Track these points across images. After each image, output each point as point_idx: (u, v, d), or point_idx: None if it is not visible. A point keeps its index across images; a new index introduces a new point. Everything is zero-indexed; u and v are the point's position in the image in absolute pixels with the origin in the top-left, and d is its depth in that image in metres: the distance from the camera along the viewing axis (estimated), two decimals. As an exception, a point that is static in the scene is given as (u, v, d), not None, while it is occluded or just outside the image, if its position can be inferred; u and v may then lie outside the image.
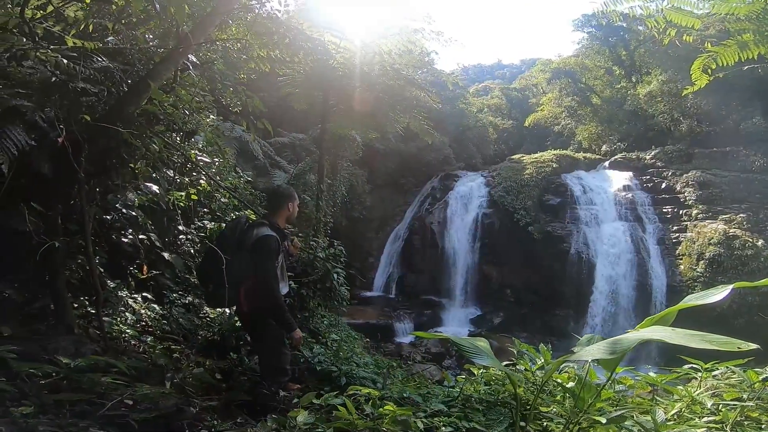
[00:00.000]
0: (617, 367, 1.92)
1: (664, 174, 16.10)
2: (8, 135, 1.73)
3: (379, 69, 7.72)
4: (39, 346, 2.11)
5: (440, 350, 12.26)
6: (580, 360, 2.87)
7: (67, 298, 2.59)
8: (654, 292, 13.44)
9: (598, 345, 1.26)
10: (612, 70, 22.50)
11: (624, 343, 1.14)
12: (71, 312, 2.62)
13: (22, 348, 1.96)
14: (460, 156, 22.95)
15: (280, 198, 3.32)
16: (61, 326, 2.47)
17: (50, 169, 2.17)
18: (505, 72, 45.55)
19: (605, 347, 1.19)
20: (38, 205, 2.28)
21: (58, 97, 2.04)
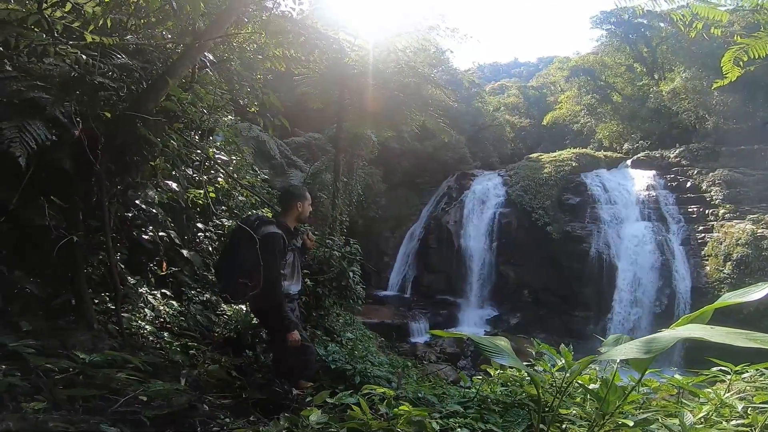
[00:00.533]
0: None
1: (689, 173, 15.63)
2: (27, 129, 1.77)
3: (394, 66, 7.69)
4: (58, 341, 2.14)
5: (455, 350, 12.17)
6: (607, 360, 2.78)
7: (87, 294, 2.63)
8: (678, 293, 13.05)
9: (631, 344, 1.20)
10: (633, 67, 21.97)
11: (660, 342, 1.07)
12: (91, 308, 2.67)
13: (41, 343, 1.99)
14: (477, 155, 22.72)
15: (290, 197, 3.30)
16: (81, 322, 2.51)
17: (71, 165, 2.21)
18: (522, 70, 44.97)
19: (639, 346, 1.12)
20: (59, 200, 2.31)
21: (77, 93, 2.07)
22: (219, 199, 5.30)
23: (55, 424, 1.46)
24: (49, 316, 2.54)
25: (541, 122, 25.45)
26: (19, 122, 1.78)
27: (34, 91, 1.88)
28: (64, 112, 2.00)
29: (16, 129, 1.75)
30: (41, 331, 2.25)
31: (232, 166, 5.43)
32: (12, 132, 1.73)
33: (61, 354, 1.96)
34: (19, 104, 1.85)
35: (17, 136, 1.73)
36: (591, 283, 14.32)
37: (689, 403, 2.46)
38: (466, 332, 13.29)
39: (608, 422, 1.62)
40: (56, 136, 2.02)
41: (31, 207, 2.15)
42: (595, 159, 18.66)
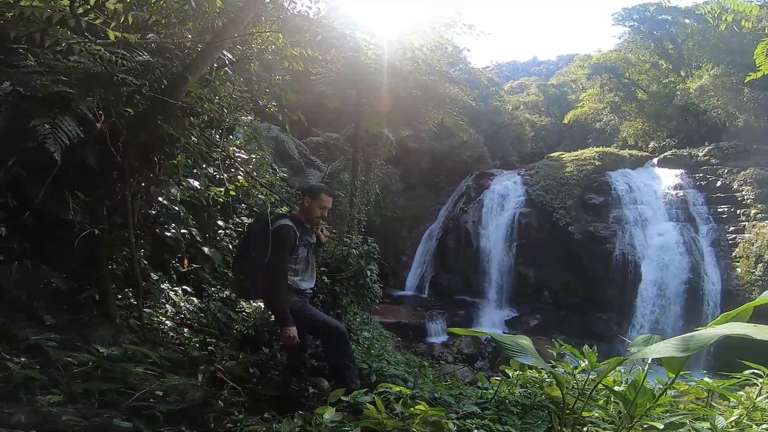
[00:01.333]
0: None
1: (719, 171, 15.06)
2: (59, 125, 1.81)
3: (411, 64, 7.65)
4: (79, 335, 2.19)
5: (472, 351, 12.03)
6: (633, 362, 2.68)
7: (110, 289, 2.69)
8: (707, 296, 12.59)
9: (666, 342, 1.14)
10: (658, 64, 21.35)
11: (699, 340, 1.01)
12: (114, 303, 2.73)
13: (63, 337, 2.04)
14: (496, 154, 22.43)
15: (303, 193, 3.28)
16: (104, 317, 2.57)
17: (95, 161, 2.26)
18: (541, 68, 44.16)
19: (676, 344, 1.06)
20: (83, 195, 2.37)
21: (100, 88, 2.12)
22: (239, 198, 5.37)
23: (68, 418, 1.47)
24: (73, 310, 2.60)
25: (562, 121, 24.96)
26: (50, 118, 1.82)
27: (57, 85, 1.93)
28: (88, 108, 2.05)
29: (48, 125, 1.79)
30: (64, 325, 2.31)
31: (252, 165, 5.50)
32: (45, 128, 1.77)
33: (81, 348, 2.00)
34: (45, 99, 1.90)
35: (50, 132, 1.77)
36: (614, 285, 13.95)
37: (719, 407, 2.36)
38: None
39: (636, 425, 1.56)
40: (81, 132, 2.06)
41: (57, 202, 2.21)
42: (620, 158, 18.17)
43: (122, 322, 2.72)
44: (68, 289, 2.55)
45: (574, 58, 32.18)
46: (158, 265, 3.80)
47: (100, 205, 2.50)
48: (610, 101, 22.23)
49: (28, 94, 1.87)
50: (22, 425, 1.34)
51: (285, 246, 2.91)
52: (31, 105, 1.86)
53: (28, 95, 1.87)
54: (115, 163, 2.47)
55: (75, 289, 2.63)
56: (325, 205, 3.16)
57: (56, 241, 2.56)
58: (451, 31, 7.46)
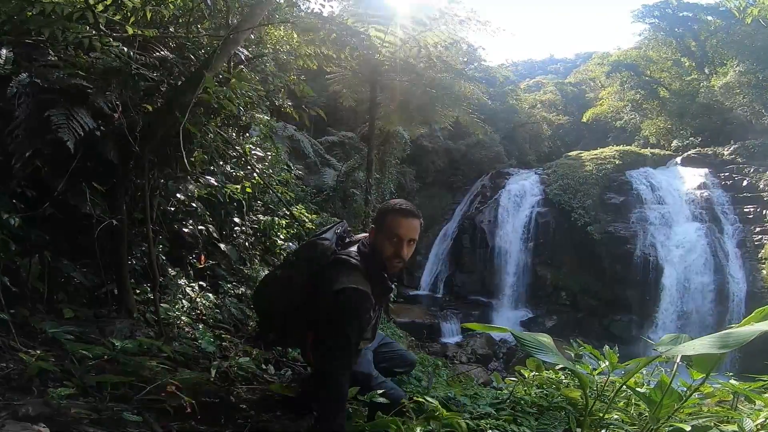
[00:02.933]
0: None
1: (746, 171, 14.58)
2: (74, 116, 1.85)
3: (426, 62, 7.61)
4: (97, 329, 2.22)
5: (487, 352, 11.90)
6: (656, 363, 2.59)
7: (129, 283, 2.73)
8: (732, 298, 12.20)
9: (702, 340, 1.08)
10: (680, 61, 20.85)
11: (739, 336, 0.96)
12: (132, 297, 2.76)
13: (81, 330, 2.07)
14: (512, 153, 22.18)
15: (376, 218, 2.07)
16: (122, 311, 2.61)
17: (115, 156, 2.30)
18: (558, 66, 43.44)
19: (713, 341, 1.01)
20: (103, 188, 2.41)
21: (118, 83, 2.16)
22: (255, 195, 5.41)
23: (77, 411, 1.48)
24: (92, 304, 2.65)
25: (580, 119, 24.55)
26: (66, 110, 1.86)
27: (75, 78, 1.97)
28: (107, 102, 2.09)
29: (63, 116, 1.83)
30: (83, 318, 2.35)
31: (267, 162, 5.53)
32: (60, 118, 1.81)
33: (97, 341, 2.03)
34: (63, 92, 1.94)
35: (65, 123, 1.81)
36: (635, 286, 13.62)
37: (745, 410, 2.27)
38: (498, 334, 12.99)
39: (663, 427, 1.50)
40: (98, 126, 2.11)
41: (77, 195, 2.25)
42: (641, 157, 17.75)
43: (139, 317, 2.75)
44: (88, 283, 2.60)
45: (592, 56, 31.64)
46: (176, 260, 3.85)
47: (119, 199, 2.54)
48: (631, 99, 21.79)
49: (46, 86, 1.91)
50: (30, 417, 1.35)
51: (354, 328, 1.80)
52: (49, 97, 1.91)
53: (46, 87, 1.91)
54: (134, 158, 2.51)
55: (95, 284, 2.68)
56: (403, 234, 1.91)
57: (76, 234, 2.61)
58: (466, 28, 7.40)
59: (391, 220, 1.93)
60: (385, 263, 1.93)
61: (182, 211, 3.88)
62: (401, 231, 1.90)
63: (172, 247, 3.77)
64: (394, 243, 1.91)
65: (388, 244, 1.91)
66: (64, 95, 1.94)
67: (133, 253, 3.18)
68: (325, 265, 1.92)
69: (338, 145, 16.40)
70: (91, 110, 1.99)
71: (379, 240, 1.94)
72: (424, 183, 18.83)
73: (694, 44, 20.02)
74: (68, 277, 2.56)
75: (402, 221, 1.92)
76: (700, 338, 1.19)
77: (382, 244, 1.92)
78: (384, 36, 7.23)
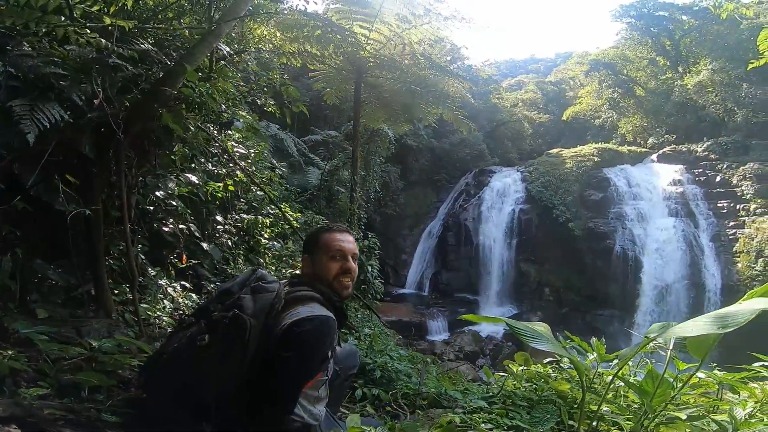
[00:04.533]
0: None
1: (719, 167, 15.06)
2: (39, 107, 1.75)
3: (410, 59, 7.60)
4: (73, 329, 2.13)
5: (474, 349, 12.00)
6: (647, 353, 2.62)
7: (106, 283, 2.63)
8: (708, 291, 12.59)
9: (699, 320, 1.08)
10: (656, 60, 21.42)
11: (737, 316, 0.95)
12: (110, 297, 2.66)
13: (56, 330, 1.97)
14: (495, 151, 22.42)
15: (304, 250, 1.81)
16: (100, 311, 2.51)
17: (91, 150, 2.20)
18: (539, 66, 44.05)
19: (711, 321, 1.00)
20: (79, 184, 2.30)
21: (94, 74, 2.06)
22: (238, 193, 5.30)
23: (51, 411, 1.40)
24: (67, 304, 2.54)
25: (561, 117, 24.98)
26: (32, 101, 1.76)
27: (49, 66, 1.87)
28: (81, 95, 1.99)
29: (28, 107, 1.73)
30: (58, 319, 2.25)
31: (250, 159, 5.43)
32: (23, 109, 1.71)
33: (74, 341, 1.94)
34: (34, 82, 1.84)
35: (28, 114, 1.70)
36: (615, 281, 13.94)
37: (731, 400, 2.31)
38: (485, 331, 13.12)
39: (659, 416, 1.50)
40: (73, 119, 2.01)
41: (50, 190, 2.15)
42: (619, 154, 18.19)
43: (118, 317, 2.65)
44: (64, 283, 2.49)
45: (572, 55, 32.21)
46: (156, 260, 3.74)
47: (95, 195, 2.43)
48: (609, 98, 22.27)
49: (19, 75, 1.81)
50: (1, 418, 1.26)
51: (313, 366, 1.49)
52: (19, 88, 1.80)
53: (18, 76, 1.81)
54: (110, 153, 2.41)
55: (71, 284, 2.56)
56: (345, 248, 1.72)
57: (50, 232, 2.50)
58: (450, 26, 7.42)
59: (327, 238, 1.72)
60: (333, 287, 1.66)
61: (162, 209, 3.77)
62: (342, 245, 1.71)
63: (152, 246, 3.66)
64: (338, 260, 1.69)
65: (331, 263, 1.68)
66: (31, 86, 1.83)
67: (111, 252, 3.07)
68: (278, 313, 1.50)
69: (322, 143, 16.29)
70: (65, 102, 1.89)
71: (318, 263, 1.69)
72: (408, 181, 18.87)
73: (669, 43, 20.56)
74: (42, 277, 2.45)
75: (338, 236, 1.73)
76: (693, 320, 1.18)
77: (325, 265, 1.68)
78: (369, 33, 7.19)
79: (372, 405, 2.68)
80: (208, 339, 1.44)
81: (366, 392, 2.80)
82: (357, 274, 1.76)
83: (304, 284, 1.64)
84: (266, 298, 1.51)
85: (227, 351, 1.41)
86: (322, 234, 1.74)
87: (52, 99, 1.83)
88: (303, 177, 12.92)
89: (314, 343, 1.45)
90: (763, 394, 2.16)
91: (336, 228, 1.77)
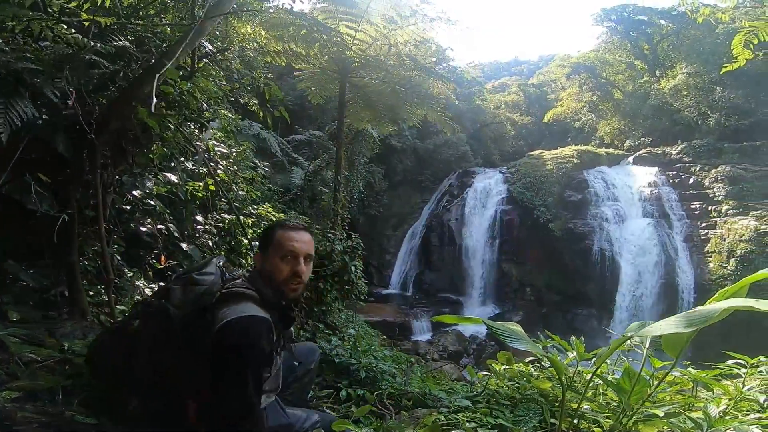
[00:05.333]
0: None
1: (692, 169, 15.55)
2: (13, 105, 1.67)
3: (395, 59, 7.61)
4: (46, 331, 2.05)
5: (458, 349, 12.09)
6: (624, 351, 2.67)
7: (80, 284, 2.55)
8: (681, 290, 12.98)
9: (668, 320, 1.11)
10: (634, 64, 21.99)
11: (703, 314, 0.98)
12: (84, 299, 2.58)
13: (29, 332, 1.90)
14: (478, 152, 22.66)
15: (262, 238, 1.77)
16: (74, 312, 2.44)
17: (65, 149, 2.12)
18: (523, 68, 44.70)
19: (679, 320, 1.03)
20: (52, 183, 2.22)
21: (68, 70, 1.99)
22: (219, 193, 5.22)
23: (23, 414, 1.36)
24: (40, 306, 2.46)
25: (542, 120, 25.39)
26: (3, 97, 1.69)
27: (23, 62, 1.79)
28: (55, 91, 1.92)
29: (1, 105, 1.65)
30: (31, 320, 2.17)
31: (231, 159, 5.35)
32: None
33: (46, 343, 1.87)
34: (6, 78, 1.77)
35: (1, 112, 1.63)
36: (594, 281, 14.25)
37: (706, 397, 2.38)
38: (467, 330, 13.23)
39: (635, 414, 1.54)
40: (47, 116, 1.93)
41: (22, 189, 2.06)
42: (597, 156, 18.60)
43: (93, 319, 2.58)
44: (36, 285, 2.40)
45: (554, 58, 32.78)
46: (133, 261, 3.65)
47: (69, 195, 2.35)
48: (589, 100, 22.74)
49: (-10, 71, 1.74)
50: None
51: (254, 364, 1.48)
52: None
53: (-13, 72, 1.74)
54: (86, 151, 2.33)
55: (44, 285, 2.48)
56: (298, 249, 1.68)
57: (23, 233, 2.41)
58: (436, 27, 7.47)
59: (281, 236, 1.67)
60: (281, 288, 1.63)
61: (139, 209, 3.69)
62: (295, 245, 1.65)
63: (129, 247, 3.57)
64: (289, 261, 1.64)
65: (282, 264, 1.64)
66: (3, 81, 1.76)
67: (86, 253, 2.99)
68: (208, 306, 1.52)
69: (306, 143, 16.17)
70: (39, 99, 1.82)
71: (269, 262, 1.65)
72: (392, 182, 18.91)
73: (647, 47, 21.09)
74: (14, 278, 2.36)
75: (293, 235, 1.67)
76: (665, 319, 1.21)
77: (275, 265, 1.64)
78: (355, 33, 7.16)
79: (357, 405, 2.67)
80: (137, 325, 1.57)
81: (351, 393, 2.79)
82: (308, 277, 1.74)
83: (250, 279, 1.63)
84: (196, 290, 1.56)
85: (154, 338, 1.51)
86: (277, 231, 1.70)
87: (25, 96, 1.75)
88: (286, 177, 12.80)
89: (245, 348, 1.44)
90: (736, 391, 2.23)
91: (292, 226, 1.72)
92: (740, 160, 15.13)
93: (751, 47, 3.46)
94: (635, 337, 1.38)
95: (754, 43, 3.40)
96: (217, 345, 1.43)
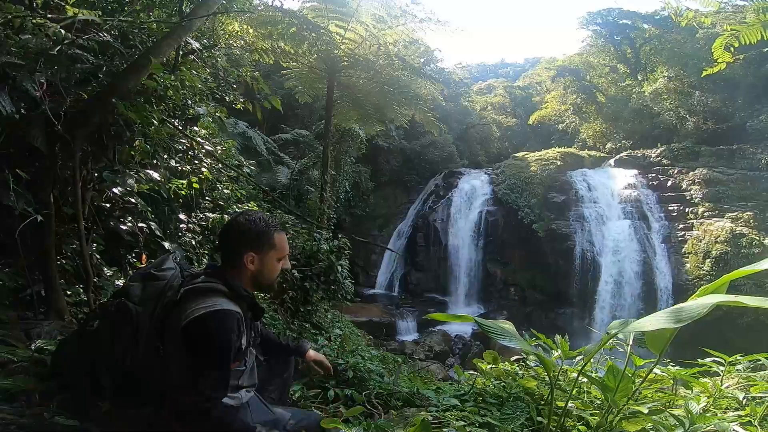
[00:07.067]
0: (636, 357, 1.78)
1: (670, 172, 15.95)
2: None
3: (384, 59, 7.60)
4: (22, 332, 1.98)
5: (444, 348, 12.15)
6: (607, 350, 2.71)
7: (58, 284, 2.47)
8: (660, 290, 13.30)
9: (656, 315, 1.12)
10: (617, 68, 22.41)
11: (690, 310, 0.99)
12: (62, 298, 2.50)
13: (4, 332, 1.83)
14: (464, 153, 22.83)
15: (244, 246, 1.66)
16: (52, 312, 2.36)
17: (43, 144, 2.04)
18: (509, 70, 45.22)
19: (667, 316, 1.04)
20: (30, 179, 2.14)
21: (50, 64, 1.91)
22: (203, 191, 5.12)
23: (1, 417, 1.31)
24: (16, 306, 2.37)
25: (527, 122, 25.72)
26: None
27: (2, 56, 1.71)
28: (35, 85, 1.84)
29: None
30: (6, 321, 2.09)
31: (217, 156, 5.26)
32: None
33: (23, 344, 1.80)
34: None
35: None
36: (576, 281, 14.49)
37: (686, 395, 2.42)
38: (453, 330, 13.31)
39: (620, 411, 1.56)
40: (25, 110, 1.86)
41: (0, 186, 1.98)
42: (580, 158, 18.93)
43: (71, 319, 2.49)
44: (12, 284, 2.31)
45: (540, 61, 33.24)
46: (113, 260, 3.55)
47: (46, 191, 2.27)
48: (573, 103, 23.12)
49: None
50: None
51: (225, 357, 1.49)
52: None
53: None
54: (65, 147, 2.25)
55: (19, 284, 2.38)
56: (287, 250, 1.76)
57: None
58: (425, 28, 7.48)
59: (279, 239, 1.71)
60: (272, 285, 1.74)
61: (120, 206, 3.59)
62: (287, 247, 1.75)
63: (109, 246, 3.47)
64: (282, 261, 1.73)
65: (278, 265, 1.71)
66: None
67: (63, 251, 2.89)
68: (171, 303, 1.52)
69: (292, 142, 16.04)
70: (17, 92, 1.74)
71: (268, 262, 1.67)
72: (378, 182, 18.89)
73: (629, 51, 21.51)
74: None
75: (284, 237, 1.76)
76: (652, 315, 1.22)
77: (274, 265, 1.69)
78: (344, 32, 7.13)
79: (345, 405, 2.65)
80: (97, 325, 1.56)
81: (339, 393, 2.76)
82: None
83: (212, 275, 1.61)
84: (156, 285, 1.57)
85: (115, 336, 1.50)
86: (273, 232, 1.70)
87: (3, 89, 1.68)
88: (272, 176, 12.67)
89: (215, 339, 1.47)
90: (715, 389, 2.28)
91: (280, 226, 1.77)
92: (717, 163, 15.57)
93: (732, 50, 3.56)
94: (621, 333, 1.38)
95: (734, 46, 3.50)
96: (188, 338, 1.45)
